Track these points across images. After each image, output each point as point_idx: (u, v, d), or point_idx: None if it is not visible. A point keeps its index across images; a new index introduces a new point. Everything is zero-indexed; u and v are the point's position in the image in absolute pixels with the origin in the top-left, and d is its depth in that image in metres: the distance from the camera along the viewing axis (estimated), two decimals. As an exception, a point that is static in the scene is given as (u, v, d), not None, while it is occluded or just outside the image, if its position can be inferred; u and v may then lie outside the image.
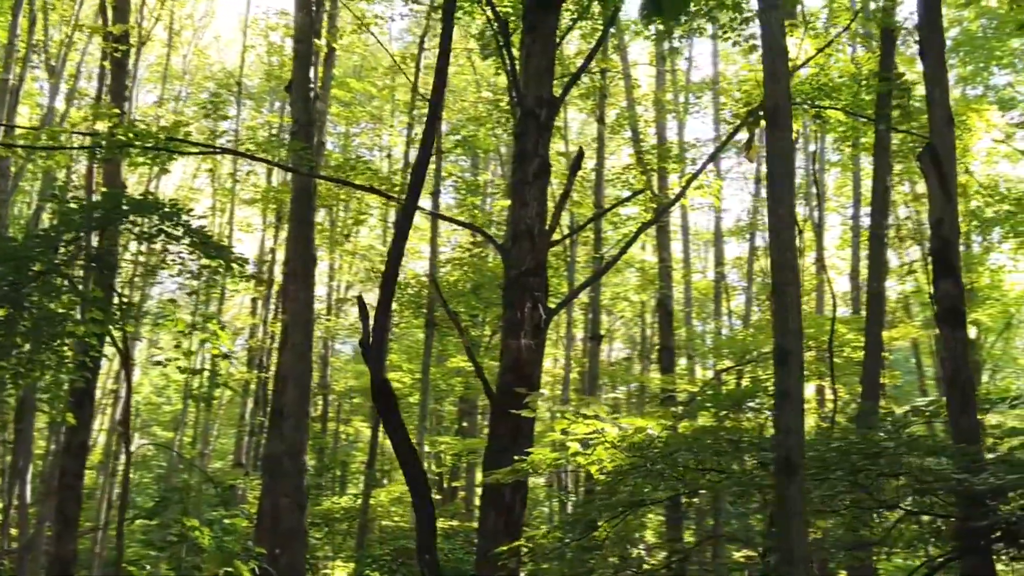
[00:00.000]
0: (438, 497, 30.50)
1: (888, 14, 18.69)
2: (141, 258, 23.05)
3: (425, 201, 24.53)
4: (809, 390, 25.15)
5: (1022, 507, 10.16)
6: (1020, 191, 28.28)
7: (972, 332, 33.45)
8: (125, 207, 14.45)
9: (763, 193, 32.60)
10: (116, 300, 15.86)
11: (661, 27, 15.74)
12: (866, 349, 18.21)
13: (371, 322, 12.10)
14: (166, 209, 14.39)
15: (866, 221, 30.03)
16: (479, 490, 34.44)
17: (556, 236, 16.35)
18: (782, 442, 7.12)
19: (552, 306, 15.41)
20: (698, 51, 78.31)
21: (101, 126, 17.70)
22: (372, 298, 37.17)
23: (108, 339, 16.05)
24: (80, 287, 15.65)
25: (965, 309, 11.49)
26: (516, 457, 12.54)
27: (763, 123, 12.73)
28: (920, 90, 15.40)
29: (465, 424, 32.66)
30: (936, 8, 12.08)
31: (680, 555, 13.71)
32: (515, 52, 16.12)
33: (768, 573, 18.27)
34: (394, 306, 25.78)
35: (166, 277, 20.45)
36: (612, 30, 24.52)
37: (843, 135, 21.32)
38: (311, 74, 18.46)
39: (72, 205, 15.35)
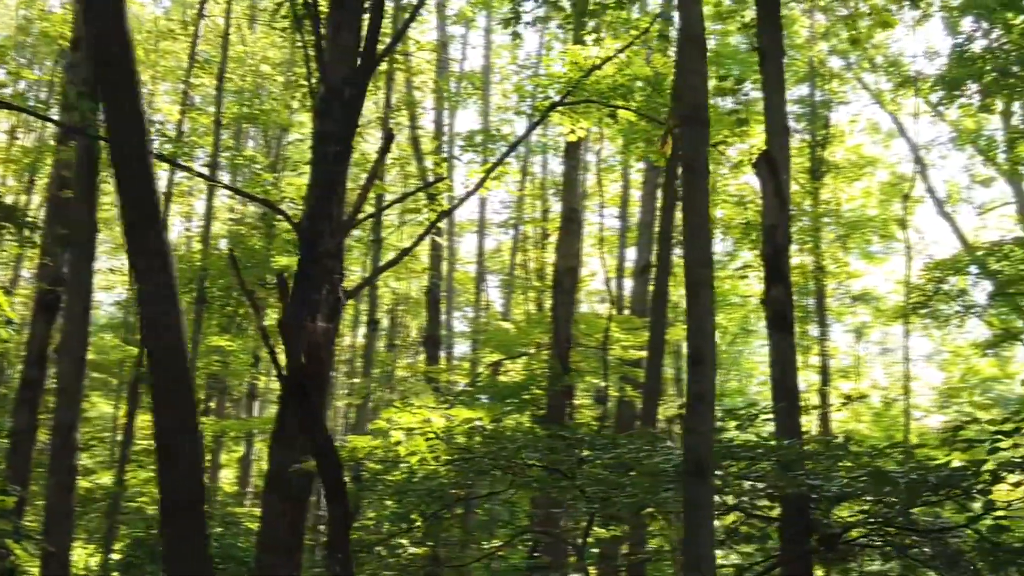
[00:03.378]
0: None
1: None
2: None
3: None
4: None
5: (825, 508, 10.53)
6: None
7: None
8: None
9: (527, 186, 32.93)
10: None
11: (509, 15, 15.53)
12: (649, 348, 18.51)
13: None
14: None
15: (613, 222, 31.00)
16: (223, 472, 33.64)
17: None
18: (694, 445, 7.00)
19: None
20: (473, 42, 77.80)
21: None
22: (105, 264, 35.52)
23: None
24: None
25: (793, 314, 11.73)
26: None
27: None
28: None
29: (213, 404, 31.76)
30: (775, 13, 12.25)
31: (495, 552, 13.57)
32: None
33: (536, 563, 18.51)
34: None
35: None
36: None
37: (633, 137, 21.61)
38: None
39: None
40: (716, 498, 10.05)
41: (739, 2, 20.23)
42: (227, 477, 33.31)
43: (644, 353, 23.09)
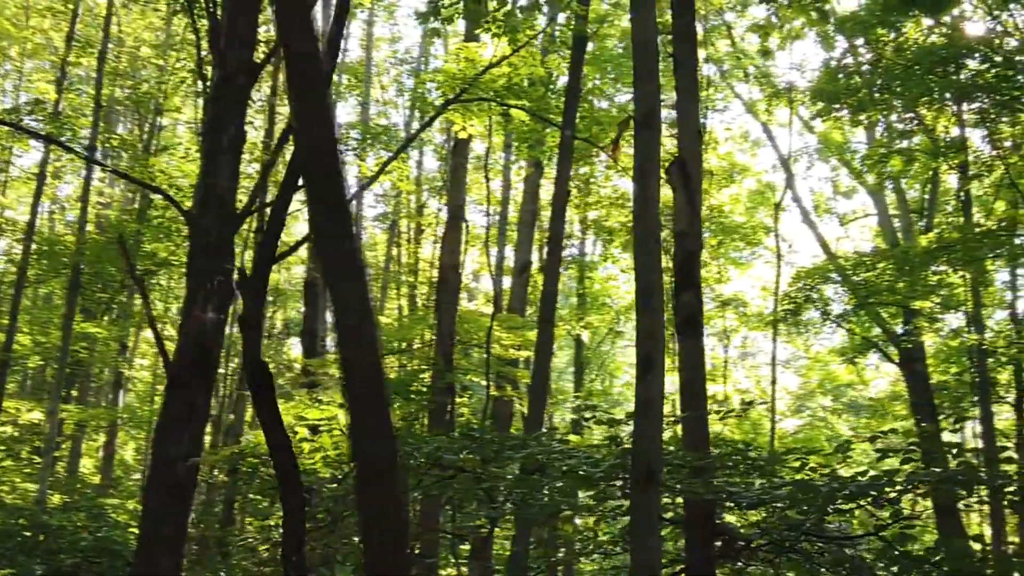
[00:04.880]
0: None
1: (580, 22, 19.06)
2: None
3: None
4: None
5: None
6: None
7: (585, 336, 34.99)
8: None
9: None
10: None
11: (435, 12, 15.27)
12: (537, 349, 18.45)
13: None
14: None
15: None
16: (86, 460, 32.61)
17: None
18: (643, 451, 6.98)
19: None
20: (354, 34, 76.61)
21: None
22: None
23: None
24: None
25: (703, 319, 11.82)
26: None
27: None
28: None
29: (75, 391, 30.82)
30: (690, 22, 12.30)
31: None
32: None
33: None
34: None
35: None
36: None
37: (524, 136, 21.60)
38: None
39: None
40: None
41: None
42: (87, 467, 32.35)
43: (522, 353, 23.19)
